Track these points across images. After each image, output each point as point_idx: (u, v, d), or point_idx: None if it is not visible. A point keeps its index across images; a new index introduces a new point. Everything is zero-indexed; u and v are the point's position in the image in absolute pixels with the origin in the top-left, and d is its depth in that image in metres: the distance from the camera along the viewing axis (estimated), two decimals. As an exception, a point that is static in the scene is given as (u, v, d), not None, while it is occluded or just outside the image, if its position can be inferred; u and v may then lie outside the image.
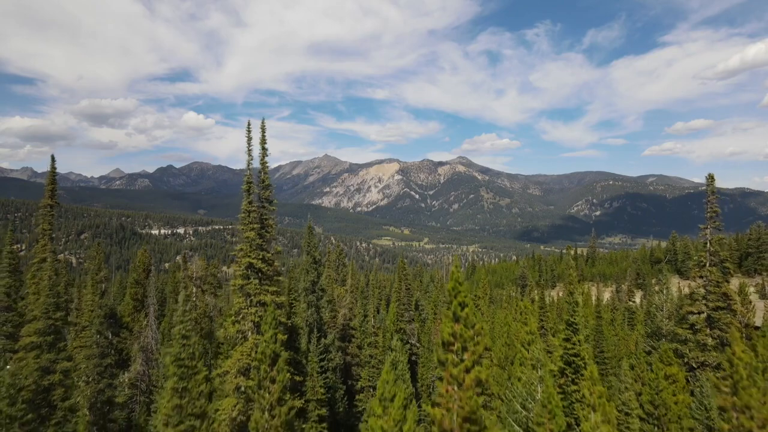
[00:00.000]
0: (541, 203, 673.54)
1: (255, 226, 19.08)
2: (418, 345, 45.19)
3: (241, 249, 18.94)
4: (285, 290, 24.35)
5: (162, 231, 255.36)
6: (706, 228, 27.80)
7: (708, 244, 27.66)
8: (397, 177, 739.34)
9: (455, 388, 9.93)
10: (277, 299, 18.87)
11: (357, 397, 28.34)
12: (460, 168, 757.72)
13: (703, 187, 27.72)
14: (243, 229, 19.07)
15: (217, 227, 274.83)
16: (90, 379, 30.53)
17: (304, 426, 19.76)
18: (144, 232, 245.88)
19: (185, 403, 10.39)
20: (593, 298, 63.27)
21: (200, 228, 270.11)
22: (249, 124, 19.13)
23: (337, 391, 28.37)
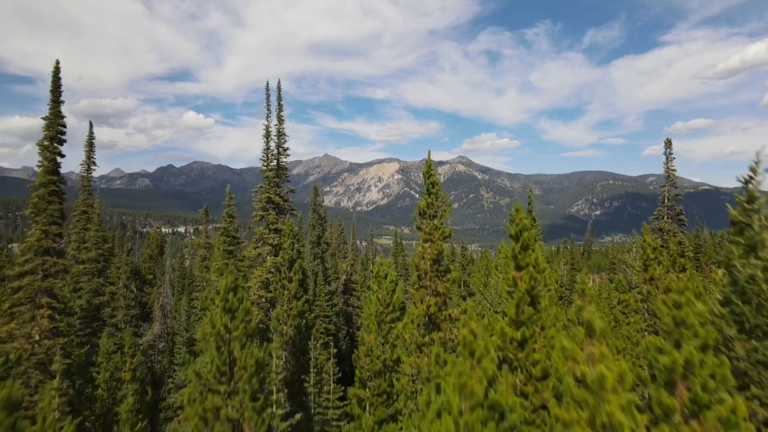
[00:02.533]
0: (541, 203, 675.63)
1: (273, 167, 22.92)
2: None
3: (261, 186, 22.79)
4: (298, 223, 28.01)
5: (163, 230, 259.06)
6: (665, 186, 31.66)
7: (666, 200, 31.49)
8: (397, 176, 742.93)
9: (428, 243, 13.76)
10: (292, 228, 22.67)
11: (358, 333, 32.13)
12: (460, 168, 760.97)
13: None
14: (263, 170, 22.91)
15: (218, 225, 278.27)
16: (118, 327, 34.28)
17: (312, 334, 23.55)
18: (145, 230, 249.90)
19: (232, 262, 14.15)
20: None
21: (201, 227, 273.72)
22: (267, 83, 23.03)
23: (340, 331, 32.15)
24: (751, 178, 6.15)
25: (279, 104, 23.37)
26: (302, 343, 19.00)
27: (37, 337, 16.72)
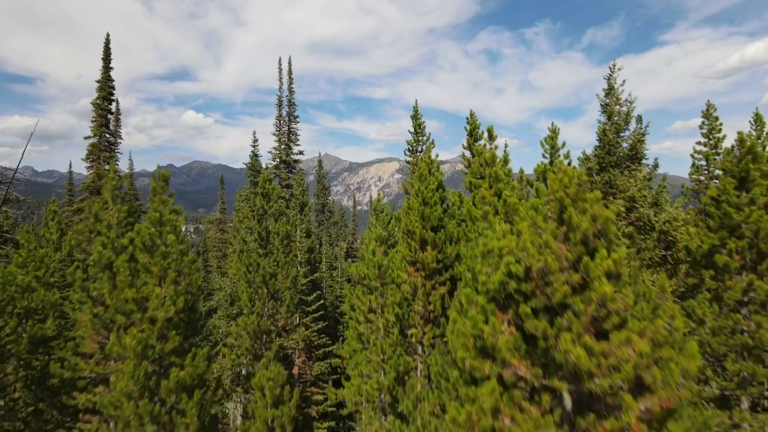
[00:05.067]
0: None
1: (285, 133, 26.31)
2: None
3: (276, 148, 26.16)
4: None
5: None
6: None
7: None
8: (397, 176, 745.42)
9: (419, 179, 17.11)
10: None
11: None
12: (461, 167, 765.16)
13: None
14: (275, 134, 26.28)
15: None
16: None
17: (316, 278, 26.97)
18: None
19: (265, 170, 17.57)
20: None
21: (201, 226, 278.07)
22: (280, 60, 26.46)
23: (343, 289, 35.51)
24: (611, 74, 9.47)
25: (290, 78, 26.76)
26: (312, 273, 22.35)
27: (91, 263, 20.06)
